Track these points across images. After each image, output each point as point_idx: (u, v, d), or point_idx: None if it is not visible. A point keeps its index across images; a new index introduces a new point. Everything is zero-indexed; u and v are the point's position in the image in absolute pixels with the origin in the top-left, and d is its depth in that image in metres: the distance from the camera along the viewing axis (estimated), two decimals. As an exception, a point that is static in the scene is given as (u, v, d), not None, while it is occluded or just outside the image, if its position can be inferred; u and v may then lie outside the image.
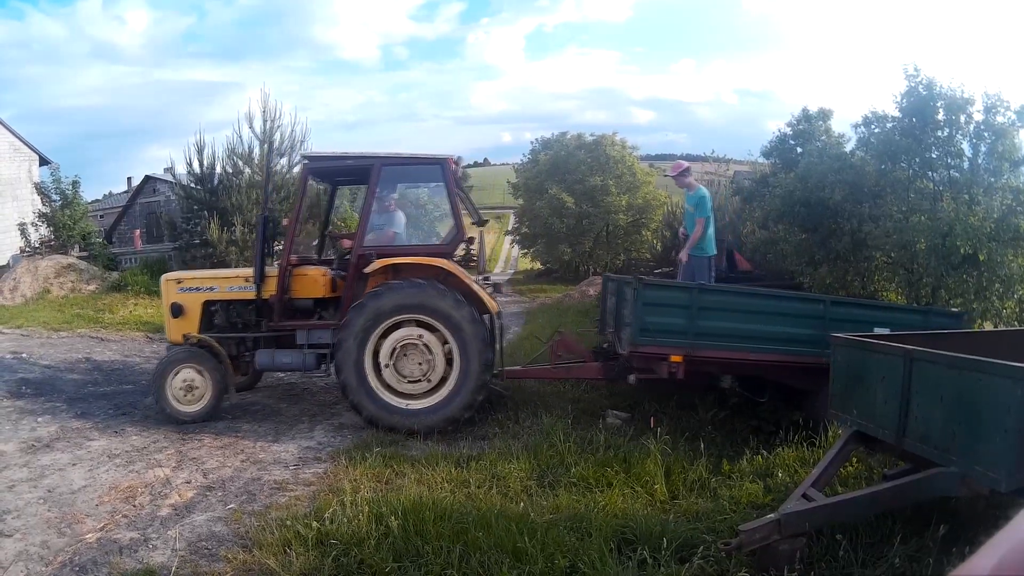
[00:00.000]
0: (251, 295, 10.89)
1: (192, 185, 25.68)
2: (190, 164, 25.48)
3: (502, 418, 10.75)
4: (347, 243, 11.57)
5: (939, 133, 13.51)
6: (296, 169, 25.63)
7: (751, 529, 5.98)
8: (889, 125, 14.28)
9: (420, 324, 10.43)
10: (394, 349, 10.37)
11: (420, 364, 10.45)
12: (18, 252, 27.92)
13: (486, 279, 12.42)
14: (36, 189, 29.77)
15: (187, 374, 10.49)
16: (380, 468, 8.39)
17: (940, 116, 13.43)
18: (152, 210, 46.96)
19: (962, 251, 12.00)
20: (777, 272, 17.13)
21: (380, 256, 10.60)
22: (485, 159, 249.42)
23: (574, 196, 45.60)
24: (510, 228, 62.53)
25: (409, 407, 10.39)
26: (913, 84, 13.67)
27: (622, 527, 6.65)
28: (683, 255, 12.56)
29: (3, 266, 26.78)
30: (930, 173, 14.07)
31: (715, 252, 12.68)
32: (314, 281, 10.98)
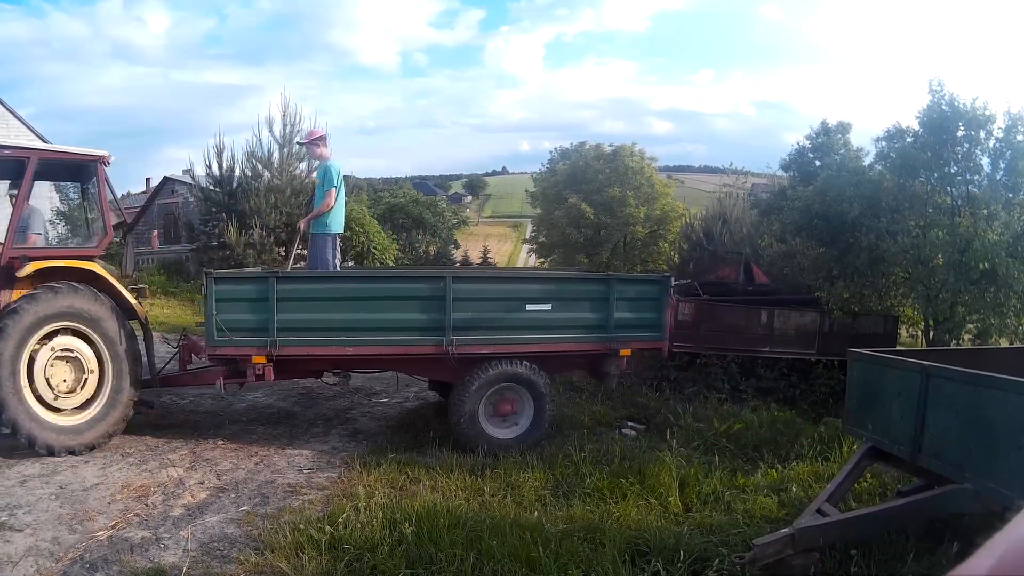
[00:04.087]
0: None
1: (211, 187, 25.76)
2: (209, 166, 25.60)
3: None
4: None
5: (958, 148, 13.49)
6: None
7: (765, 543, 5.98)
8: (909, 139, 14.26)
9: (74, 332, 9.16)
10: (47, 360, 9.00)
11: (74, 377, 9.12)
12: (35, 249, 27.99)
13: (138, 289, 10.71)
14: (54, 187, 29.83)
15: None
16: (395, 474, 8.41)
17: (960, 132, 13.41)
18: (170, 211, 47.09)
19: (980, 267, 11.98)
20: (795, 286, 17.11)
21: (30, 258, 9.20)
22: (503, 168, 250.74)
23: (592, 206, 45.63)
24: (527, 237, 62.62)
25: (66, 423, 9.02)
26: (936, 99, 13.65)
27: (636, 539, 6.66)
28: (302, 225, 11.60)
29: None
30: (949, 188, 14.05)
31: (341, 230, 11.43)
32: None
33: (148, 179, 61.24)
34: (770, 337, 15.13)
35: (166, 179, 49.30)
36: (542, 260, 57.62)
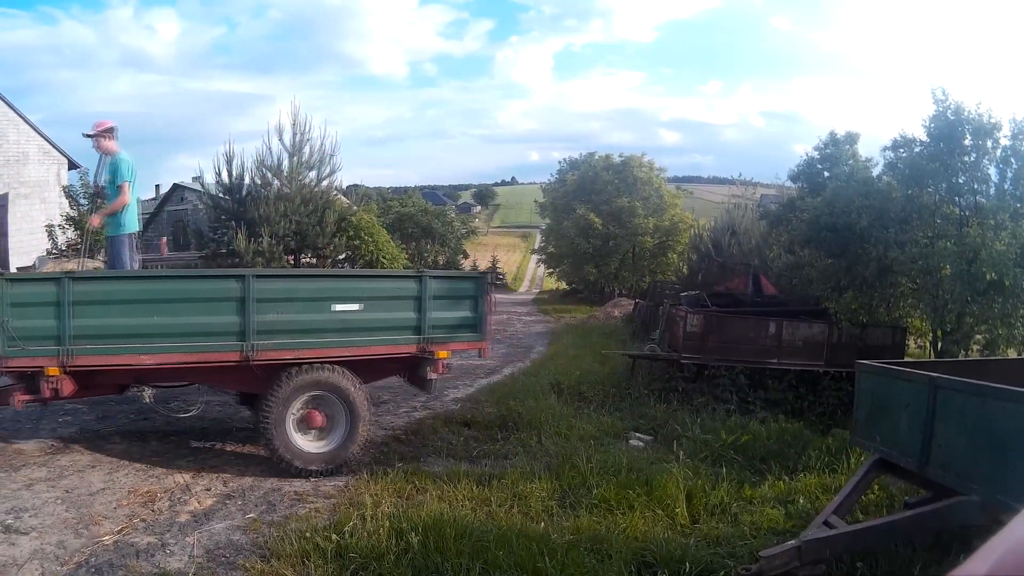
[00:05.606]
0: None
1: (220, 195, 25.74)
2: (219, 174, 25.55)
3: (525, 438, 10.70)
4: None
5: (966, 158, 13.49)
6: (325, 183, 25.76)
7: (772, 555, 5.96)
8: (917, 149, 14.28)
9: None
10: None
11: None
12: (44, 254, 28.14)
13: None
14: (64, 192, 29.98)
15: None
16: (401, 483, 8.40)
17: (967, 141, 13.42)
18: (179, 218, 47.21)
19: (987, 277, 11.97)
20: (803, 297, 17.11)
21: None
22: (512, 178, 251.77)
23: (601, 216, 45.81)
24: (536, 247, 62.88)
25: None
26: (941, 108, 13.67)
27: (642, 550, 6.64)
28: (95, 221, 10.73)
29: (29, 267, 26.97)
30: (956, 198, 14.06)
31: (138, 228, 10.82)
32: None
33: (158, 186, 61.35)
34: (778, 348, 15.13)
35: (175, 186, 49.45)
36: (551, 270, 58.01)
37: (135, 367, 8.42)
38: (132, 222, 10.54)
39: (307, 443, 9.03)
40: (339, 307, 9.01)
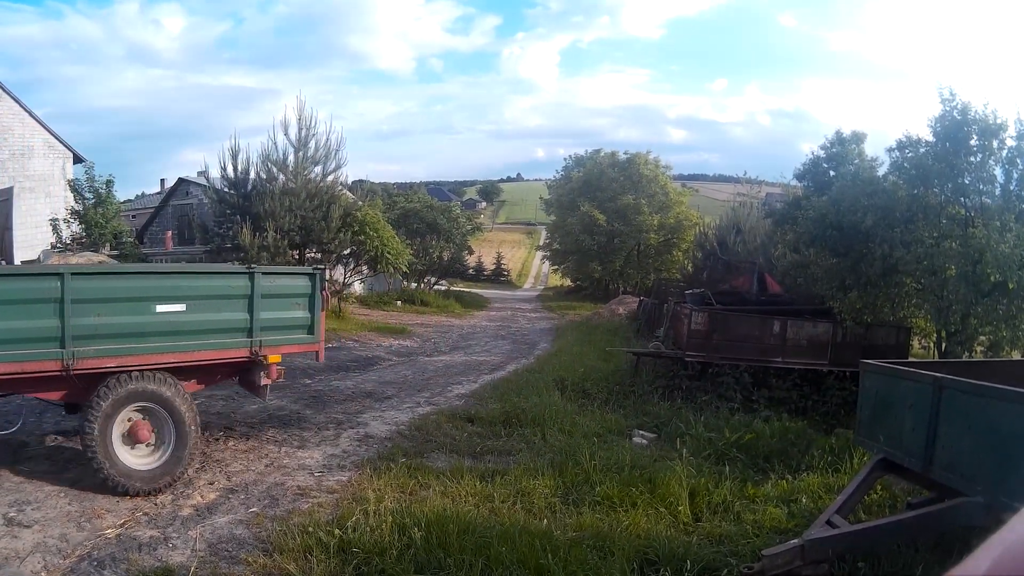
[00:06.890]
0: None
1: (225, 189, 25.74)
2: (224, 168, 25.56)
3: (528, 434, 10.70)
4: None
5: (972, 158, 13.44)
6: (330, 178, 25.75)
7: (774, 554, 5.95)
8: (923, 149, 14.23)
9: None
10: None
11: None
12: (48, 247, 28.12)
13: None
14: (69, 186, 29.92)
15: None
16: (404, 479, 8.40)
17: (973, 141, 13.37)
18: (184, 212, 47.15)
19: (992, 278, 11.92)
20: (808, 296, 17.08)
21: None
22: (518, 174, 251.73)
23: (606, 214, 45.90)
24: (541, 244, 62.91)
25: None
26: (948, 108, 13.61)
27: (645, 548, 6.65)
28: None
29: (33, 261, 26.95)
30: (962, 199, 14.01)
31: None
32: None
33: (163, 180, 61.46)
34: (782, 347, 15.13)
35: (181, 180, 49.40)
36: (556, 267, 58.16)
37: None
38: None
39: (134, 458, 8.04)
40: (162, 308, 8.23)
